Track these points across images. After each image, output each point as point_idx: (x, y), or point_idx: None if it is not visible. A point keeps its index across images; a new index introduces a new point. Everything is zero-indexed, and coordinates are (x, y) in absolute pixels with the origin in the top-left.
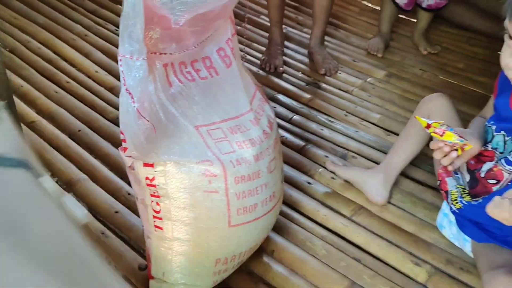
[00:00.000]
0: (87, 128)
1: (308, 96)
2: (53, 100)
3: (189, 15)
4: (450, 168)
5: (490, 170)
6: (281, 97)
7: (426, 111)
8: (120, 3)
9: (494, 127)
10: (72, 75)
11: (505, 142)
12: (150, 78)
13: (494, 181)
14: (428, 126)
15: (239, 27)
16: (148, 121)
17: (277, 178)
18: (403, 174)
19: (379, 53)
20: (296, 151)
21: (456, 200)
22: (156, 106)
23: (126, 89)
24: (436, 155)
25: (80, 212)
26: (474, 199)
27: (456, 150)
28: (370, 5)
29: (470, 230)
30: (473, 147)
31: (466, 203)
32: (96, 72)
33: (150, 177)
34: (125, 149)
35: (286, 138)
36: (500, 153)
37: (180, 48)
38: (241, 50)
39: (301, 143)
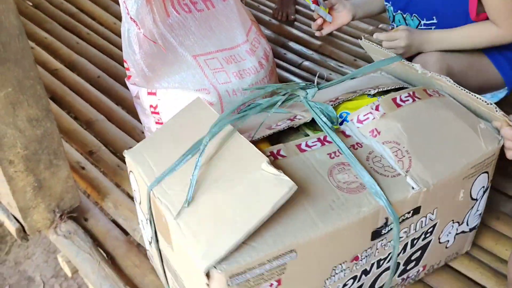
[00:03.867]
0: (105, 74)
1: (318, 43)
2: (74, 50)
3: None
4: (317, 34)
5: None
6: (292, 44)
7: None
8: None
9: (392, 7)
10: (93, 27)
11: (404, 19)
12: (148, 9)
13: None
14: None
15: None
16: (149, 47)
17: None
18: None
19: None
20: None
21: None
22: (155, 35)
23: (131, 18)
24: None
25: None
26: None
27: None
28: None
29: None
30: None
31: None
32: (115, 24)
33: (154, 105)
34: (129, 77)
35: (295, 82)
36: None
37: None
38: None
39: None
